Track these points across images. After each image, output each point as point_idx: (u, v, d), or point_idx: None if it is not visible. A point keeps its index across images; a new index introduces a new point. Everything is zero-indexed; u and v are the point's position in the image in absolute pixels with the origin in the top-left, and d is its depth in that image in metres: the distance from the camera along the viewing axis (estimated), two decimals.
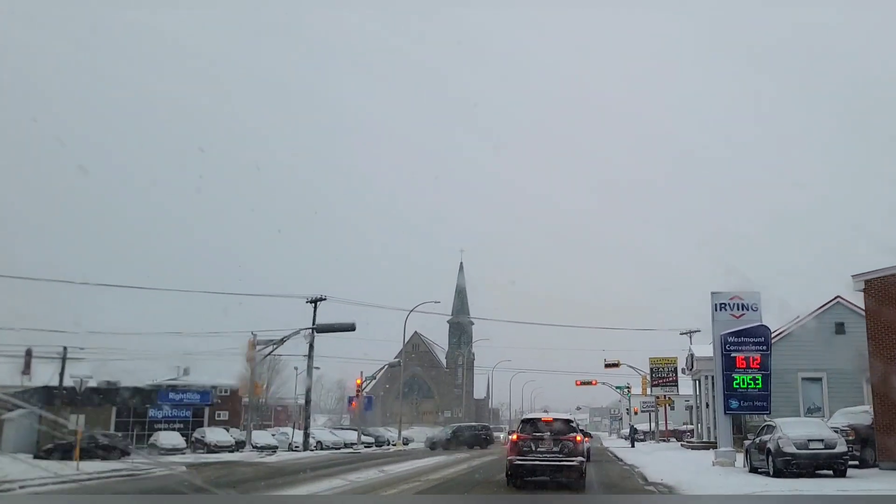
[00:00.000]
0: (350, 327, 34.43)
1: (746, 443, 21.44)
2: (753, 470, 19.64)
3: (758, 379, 22.11)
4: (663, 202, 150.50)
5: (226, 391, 51.17)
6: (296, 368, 57.89)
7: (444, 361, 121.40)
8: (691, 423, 62.85)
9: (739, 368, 22.15)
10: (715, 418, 34.76)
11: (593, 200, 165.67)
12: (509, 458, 15.68)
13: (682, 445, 38.57)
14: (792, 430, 17.80)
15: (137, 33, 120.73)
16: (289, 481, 17.04)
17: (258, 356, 34.50)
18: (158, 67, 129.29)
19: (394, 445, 52.61)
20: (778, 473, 17.34)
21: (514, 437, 16.08)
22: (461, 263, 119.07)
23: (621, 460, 30.01)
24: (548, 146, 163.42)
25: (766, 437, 18.62)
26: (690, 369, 38.28)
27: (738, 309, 22.62)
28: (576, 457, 15.44)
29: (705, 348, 35.48)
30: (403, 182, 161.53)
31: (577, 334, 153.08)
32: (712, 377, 34.45)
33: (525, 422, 16.83)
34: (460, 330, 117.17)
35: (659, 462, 25.07)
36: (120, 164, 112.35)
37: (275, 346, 34.38)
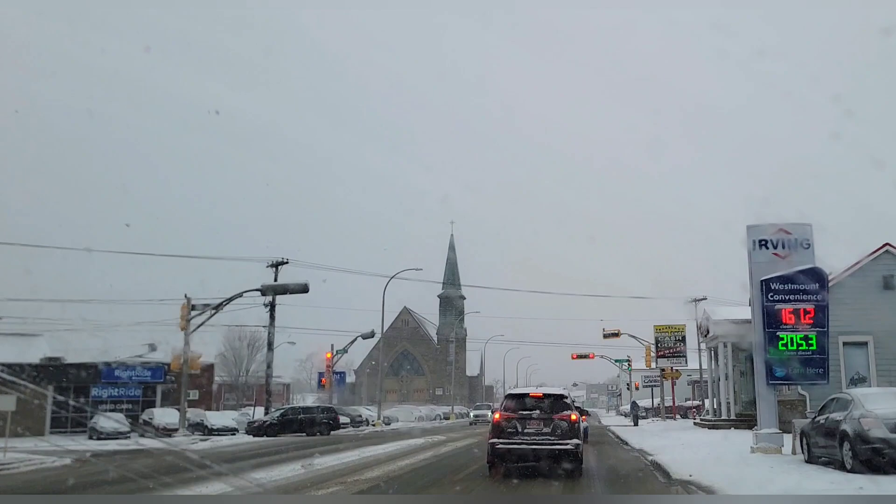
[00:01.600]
0: (303, 288, 29.26)
1: (798, 422, 16.17)
2: (813, 460, 14.39)
3: (811, 338, 16.63)
4: (669, 160, 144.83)
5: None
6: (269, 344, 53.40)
7: (434, 337, 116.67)
8: (695, 399, 58.25)
9: (787, 325, 16.67)
10: (736, 391, 29.74)
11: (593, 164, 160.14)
12: (490, 441, 13.45)
13: (694, 424, 33.42)
14: (880, 406, 12.38)
15: None
16: (165, 482, 11.59)
17: (194, 324, 29.16)
18: None
19: (373, 426, 47.71)
20: (859, 467, 12.00)
21: (497, 416, 13.82)
22: (452, 236, 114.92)
23: (627, 443, 24.81)
24: (543, 129, 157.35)
25: (836, 416, 13.24)
26: (705, 336, 32.99)
27: (784, 247, 17.18)
28: (570, 439, 13.25)
29: (723, 310, 30.31)
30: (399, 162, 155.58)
31: (575, 304, 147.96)
32: (731, 344, 29.50)
33: (510, 397, 14.52)
34: (451, 304, 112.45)
35: (676, 446, 19.75)
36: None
37: (213, 311, 29.16)
